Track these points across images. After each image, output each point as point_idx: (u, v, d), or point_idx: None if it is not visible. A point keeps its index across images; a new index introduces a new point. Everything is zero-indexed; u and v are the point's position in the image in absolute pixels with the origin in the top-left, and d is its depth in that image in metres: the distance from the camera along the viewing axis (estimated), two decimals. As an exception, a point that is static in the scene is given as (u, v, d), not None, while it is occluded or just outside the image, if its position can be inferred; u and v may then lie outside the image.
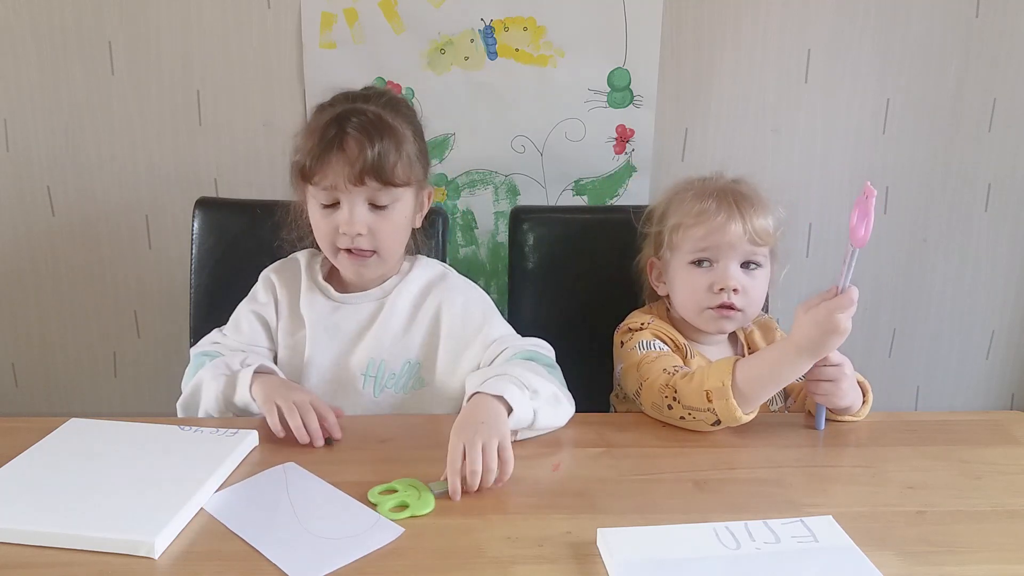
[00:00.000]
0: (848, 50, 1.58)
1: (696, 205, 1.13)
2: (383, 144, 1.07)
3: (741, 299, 1.11)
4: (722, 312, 1.12)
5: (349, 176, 1.06)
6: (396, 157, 1.08)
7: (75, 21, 1.52)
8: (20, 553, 0.75)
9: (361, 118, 1.08)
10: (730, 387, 0.96)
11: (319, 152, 1.07)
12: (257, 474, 0.90)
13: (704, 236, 1.11)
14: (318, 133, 1.08)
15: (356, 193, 1.08)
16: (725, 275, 1.11)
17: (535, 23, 1.53)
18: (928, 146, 1.64)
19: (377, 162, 1.06)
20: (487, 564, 0.74)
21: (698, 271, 1.13)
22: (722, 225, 1.10)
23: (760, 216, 1.11)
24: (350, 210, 1.08)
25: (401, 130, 1.10)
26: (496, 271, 1.67)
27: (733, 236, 1.10)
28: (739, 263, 1.12)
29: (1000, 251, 1.72)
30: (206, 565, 0.74)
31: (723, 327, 1.15)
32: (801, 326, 0.93)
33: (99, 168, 1.59)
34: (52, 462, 0.89)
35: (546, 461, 0.94)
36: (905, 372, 1.78)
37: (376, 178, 1.07)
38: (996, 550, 0.78)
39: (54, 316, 1.68)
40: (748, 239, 1.10)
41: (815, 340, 0.93)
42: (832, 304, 0.90)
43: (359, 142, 1.06)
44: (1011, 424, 1.07)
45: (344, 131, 1.07)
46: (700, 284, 1.12)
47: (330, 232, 1.10)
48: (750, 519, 0.79)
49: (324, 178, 1.07)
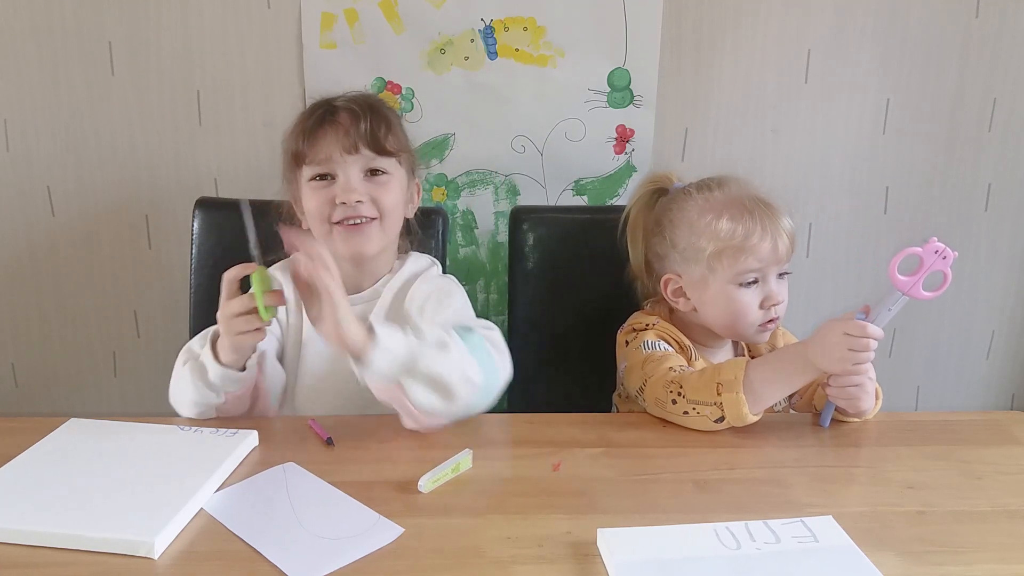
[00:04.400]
0: (848, 50, 1.58)
1: (735, 227, 1.10)
2: (374, 116, 1.10)
3: (781, 309, 1.14)
4: (768, 326, 1.14)
5: (344, 145, 1.08)
6: (387, 129, 1.11)
7: (75, 21, 1.51)
8: (19, 553, 0.75)
9: (348, 98, 1.12)
10: (742, 381, 0.96)
11: (311, 128, 1.09)
12: (257, 474, 0.90)
13: (756, 259, 1.10)
14: (307, 117, 1.11)
15: (351, 162, 1.09)
16: (773, 292, 1.12)
17: (535, 23, 1.53)
18: (928, 146, 1.64)
19: (370, 130, 1.08)
20: (487, 564, 0.74)
21: (746, 291, 1.12)
22: (772, 244, 1.10)
23: (785, 218, 1.12)
24: (346, 178, 1.09)
25: (390, 110, 1.14)
26: (496, 271, 1.67)
27: (780, 254, 1.11)
28: (777, 275, 1.13)
29: (1000, 251, 1.72)
30: (206, 565, 0.74)
31: (765, 339, 1.17)
32: (816, 336, 0.95)
33: (99, 168, 1.59)
34: (52, 462, 0.89)
35: (546, 461, 0.94)
36: (905, 372, 1.78)
37: (370, 146, 1.08)
38: (996, 550, 0.78)
39: (54, 316, 1.68)
40: (784, 254, 1.11)
41: (819, 354, 0.94)
42: (849, 326, 0.92)
43: (351, 113, 1.09)
44: (1011, 424, 1.07)
45: (334, 107, 1.10)
46: (751, 303, 1.12)
47: (324, 205, 1.10)
48: (750, 519, 0.79)
49: (318, 152, 1.09)
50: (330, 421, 1.02)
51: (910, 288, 0.92)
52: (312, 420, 1.02)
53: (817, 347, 0.95)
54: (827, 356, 0.94)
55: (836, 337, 0.93)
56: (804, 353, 0.96)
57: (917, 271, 0.91)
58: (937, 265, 0.91)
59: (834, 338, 0.93)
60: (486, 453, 0.93)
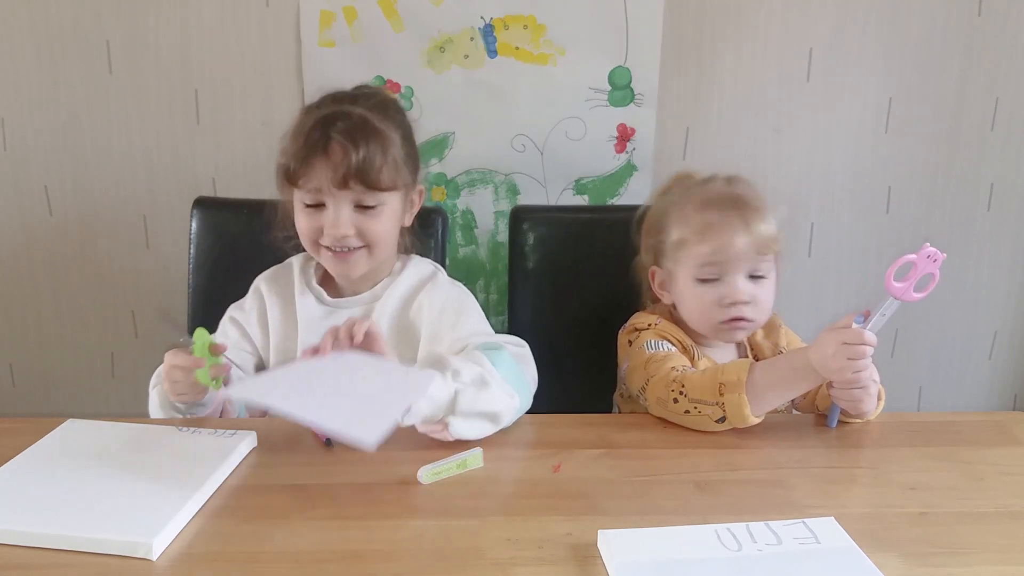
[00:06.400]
0: (850, 49, 1.58)
1: (699, 218, 1.11)
2: (368, 148, 1.05)
3: (751, 310, 1.11)
4: (733, 324, 1.12)
5: (333, 180, 1.05)
6: (382, 161, 1.07)
7: (73, 20, 1.51)
8: (17, 554, 0.74)
9: (346, 122, 1.06)
10: (745, 383, 0.96)
11: (303, 155, 1.06)
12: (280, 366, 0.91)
13: (710, 253, 1.10)
14: (302, 136, 1.07)
15: (341, 196, 1.07)
16: (734, 290, 1.10)
17: (535, 21, 1.53)
18: (930, 145, 1.64)
19: (362, 167, 1.05)
20: (487, 566, 0.74)
21: (705, 287, 1.11)
22: (728, 240, 1.09)
23: (763, 222, 1.10)
24: (335, 213, 1.08)
25: (388, 133, 1.09)
26: (496, 271, 1.67)
27: (740, 250, 1.09)
28: (747, 275, 1.11)
29: (1003, 251, 1.71)
30: (204, 567, 0.74)
31: (735, 337, 1.15)
32: (817, 344, 0.95)
33: (97, 167, 1.59)
34: (49, 463, 0.88)
35: (546, 462, 0.93)
36: (907, 372, 1.78)
37: (361, 182, 1.06)
38: (998, 551, 0.77)
39: (51, 316, 1.67)
40: (755, 251, 1.09)
41: (820, 361, 0.94)
42: (846, 334, 0.92)
43: (343, 147, 1.05)
44: (1014, 425, 1.06)
45: (328, 135, 1.05)
46: (709, 299, 1.11)
47: (313, 231, 1.10)
48: (751, 520, 0.79)
49: (308, 181, 1.07)
50: (329, 421, 1.01)
51: (902, 293, 0.93)
52: (311, 421, 1.02)
53: (818, 354, 0.95)
54: (827, 363, 0.94)
55: (834, 347, 0.93)
56: (807, 359, 0.96)
57: (909, 276, 0.92)
58: (928, 268, 0.92)
59: (832, 347, 0.94)
60: (486, 454, 0.92)
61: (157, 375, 1.09)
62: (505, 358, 1.01)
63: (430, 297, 1.15)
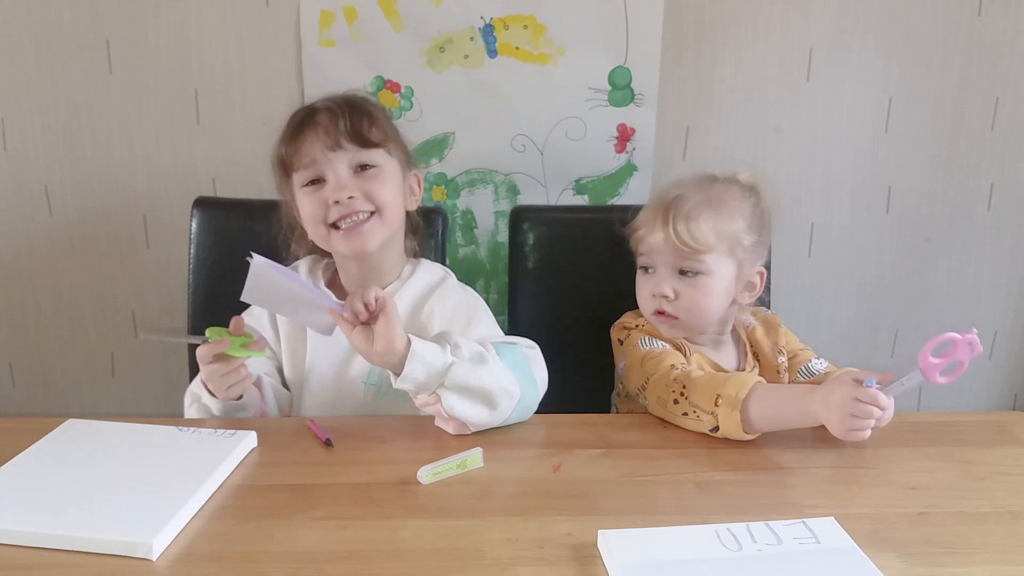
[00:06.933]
0: (850, 49, 1.57)
1: (642, 214, 1.17)
2: (354, 112, 1.10)
3: (675, 306, 1.12)
4: (658, 318, 1.14)
5: (326, 144, 1.08)
6: (370, 122, 1.11)
7: (73, 20, 1.51)
8: (17, 555, 0.74)
9: (329, 100, 1.13)
10: (741, 402, 0.95)
11: (292, 134, 1.10)
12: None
13: (641, 242, 1.16)
14: (290, 125, 1.12)
15: (337, 159, 1.09)
16: (658, 282, 1.13)
17: (535, 21, 1.53)
18: (930, 145, 1.64)
19: (351, 127, 1.08)
20: (487, 566, 0.74)
21: (645, 277, 1.16)
22: (649, 233, 1.14)
23: (692, 222, 1.09)
24: (335, 176, 1.09)
25: (371, 106, 1.14)
26: (496, 271, 1.67)
27: (659, 243, 1.12)
28: (676, 270, 1.13)
29: (1003, 251, 1.71)
30: (204, 567, 0.74)
31: (664, 330, 1.16)
32: (825, 390, 0.94)
33: (97, 167, 1.59)
34: (49, 463, 0.88)
35: (547, 462, 0.93)
36: (907, 372, 1.77)
37: (352, 139, 1.08)
38: (998, 551, 0.77)
39: (51, 316, 1.67)
40: (672, 248, 1.11)
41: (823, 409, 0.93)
42: (860, 391, 0.91)
43: (330, 113, 1.09)
44: (1014, 425, 1.06)
45: (313, 110, 1.11)
46: (643, 289, 1.16)
47: (319, 208, 1.09)
48: (751, 520, 0.79)
49: (302, 156, 1.09)
50: (329, 422, 1.01)
51: (932, 370, 0.91)
52: (311, 421, 1.02)
53: (822, 401, 0.93)
54: (831, 414, 0.93)
55: (843, 400, 0.92)
56: (809, 402, 0.94)
57: (945, 355, 0.91)
58: (964, 354, 0.91)
59: (840, 400, 0.92)
60: (486, 454, 0.92)
61: (190, 394, 1.08)
62: (515, 351, 1.03)
63: (441, 302, 1.16)
